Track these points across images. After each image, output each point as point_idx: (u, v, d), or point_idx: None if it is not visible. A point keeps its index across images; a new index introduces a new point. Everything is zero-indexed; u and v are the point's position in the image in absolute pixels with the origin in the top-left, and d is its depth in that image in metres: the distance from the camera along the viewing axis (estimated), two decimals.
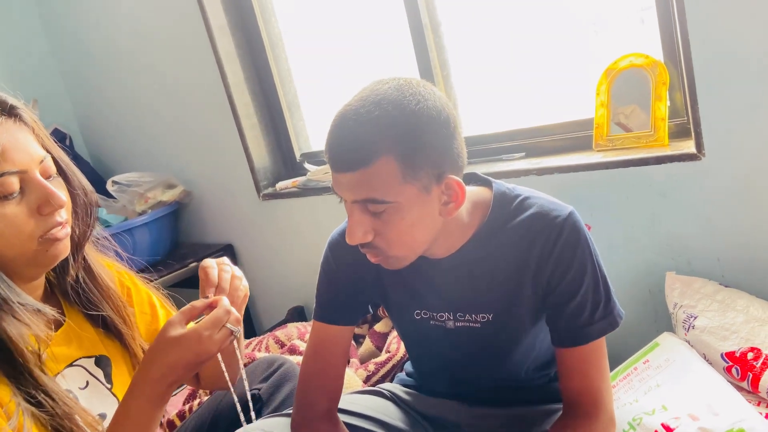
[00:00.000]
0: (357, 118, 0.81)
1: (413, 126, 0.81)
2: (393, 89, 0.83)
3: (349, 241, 0.86)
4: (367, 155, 0.80)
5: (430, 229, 0.87)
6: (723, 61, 1.20)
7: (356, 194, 0.83)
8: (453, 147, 0.85)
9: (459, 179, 0.85)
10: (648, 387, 1.15)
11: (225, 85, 1.99)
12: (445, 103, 0.86)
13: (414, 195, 0.83)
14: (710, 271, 1.32)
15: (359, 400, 1.12)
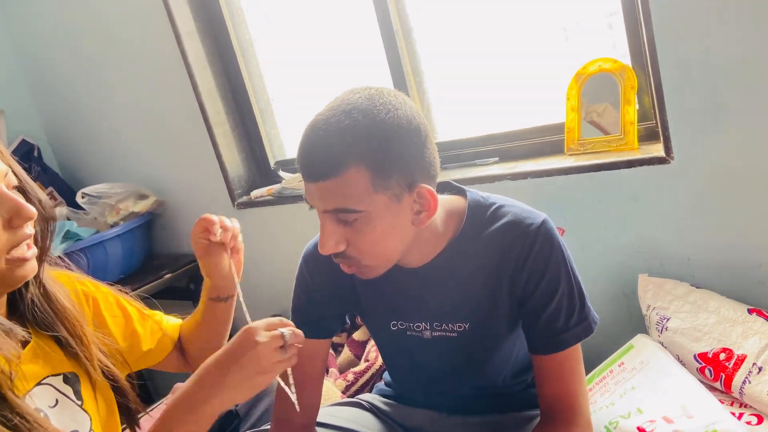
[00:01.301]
0: (327, 127, 0.81)
1: (383, 135, 0.81)
2: (364, 99, 0.83)
3: (322, 251, 0.85)
4: (337, 165, 0.80)
5: (402, 238, 0.87)
6: (689, 65, 1.22)
7: (327, 203, 0.83)
8: (424, 156, 0.85)
9: (431, 188, 0.85)
10: (623, 390, 1.16)
11: (196, 93, 1.96)
12: (417, 112, 0.86)
13: (385, 204, 0.82)
14: (682, 272, 1.34)
15: (338, 413, 1.12)
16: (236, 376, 0.75)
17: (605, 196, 1.40)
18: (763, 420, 1.06)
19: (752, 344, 1.11)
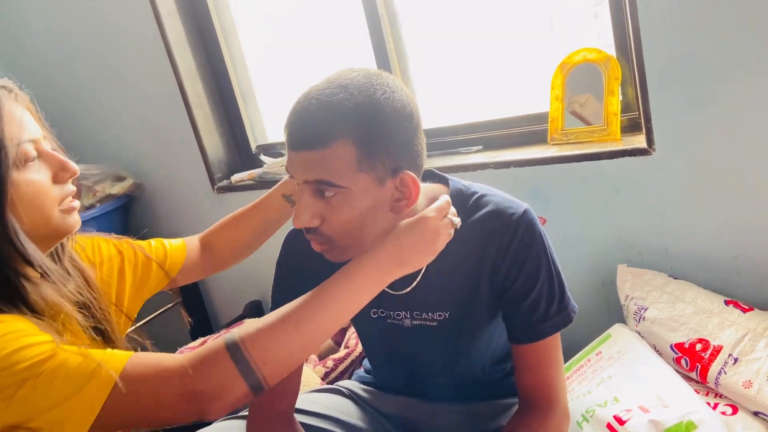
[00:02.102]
0: (321, 98, 0.80)
1: (376, 115, 0.80)
2: (362, 77, 0.82)
3: (295, 223, 0.84)
4: (325, 136, 0.78)
5: (378, 223, 0.85)
6: (673, 57, 1.22)
7: (309, 174, 0.81)
8: (414, 144, 0.84)
9: (415, 177, 0.84)
10: (600, 378, 1.17)
11: (175, 73, 1.92)
12: (412, 99, 0.85)
13: (367, 185, 0.81)
14: (660, 263, 1.36)
15: (317, 399, 1.11)
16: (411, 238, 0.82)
17: (587, 187, 1.40)
18: (738, 410, 1.08)
19: (728, 335, 1.13)
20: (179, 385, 0.69)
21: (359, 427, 1.08)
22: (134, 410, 0.70)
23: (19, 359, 0.65)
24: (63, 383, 0.66)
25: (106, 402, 0.67)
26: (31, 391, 0.65)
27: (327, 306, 0.77)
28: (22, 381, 0.65)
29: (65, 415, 0.66)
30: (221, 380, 0.70)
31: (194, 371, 0.70)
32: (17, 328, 0.69)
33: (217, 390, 0.70)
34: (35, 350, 0.67)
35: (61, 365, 0.67)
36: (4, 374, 0.64)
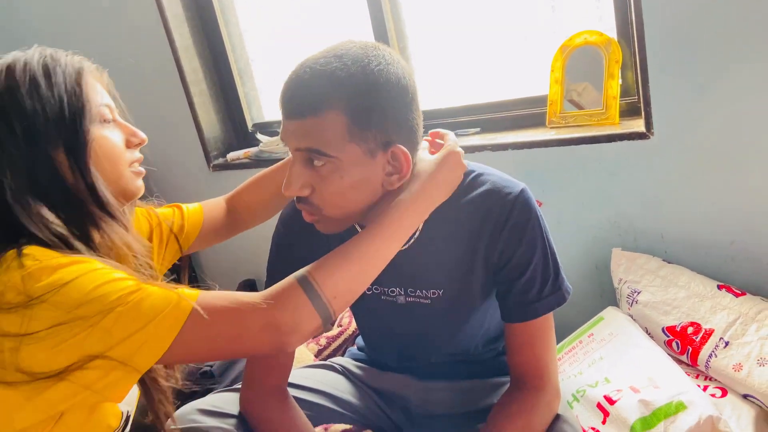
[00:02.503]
0: (315, 67, 0.80)
1: (369, 86, 0.79)
2: (358, 48, 0.81)
3: (285, 191, 0.84)
4: (317, 105, 0.79)
5: (367, 197, 0.86)
6: (675, 41, 1.21)
7: (299, 142, 0.81)
8: (408, 118, 0.84)
9: (407, 151, 0.84)
10: (592, 360, 1.18)
11: (173, 49, 1.90)
12: (409, 73, 0.84)
13: (357, 156, 0.81)
14: (654, 247, 1.36)
15: (310, 375, 1.12)
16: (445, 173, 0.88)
17: (584, 171, 1.40)
18: (727, 393, 1.09)
19: (720, 319, 1.14)
20: (261, 318, 0.73)
21: (351, 402, 1.08)
22: (214, 341, 0.74)
23: (109, 291, 0.69)
24: (146, 312, 0.70)
25: (183, 329, 0.71)
26: (114, 320, 0.68)
27: (384, 239, 0.82)
28: (109, 310, 0.68)
29: (143, 341, 0.69)
30: (298, 314, 0.75)
31: (273, 306, 0.74)
32: (102, 266, 0.73)
33: (296, 323, 0.74)
34: (123, 284, 0.71)
35: (147, 297, 0.71)
36: (94, 304, 0.68)
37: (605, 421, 1.04)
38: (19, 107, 0.76)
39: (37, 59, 0.80)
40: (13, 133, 0.75)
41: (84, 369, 0.69)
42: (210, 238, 1.21)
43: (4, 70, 0.78)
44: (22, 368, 0.68)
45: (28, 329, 0.67)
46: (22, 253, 0.70)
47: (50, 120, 0.77)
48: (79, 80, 0.81)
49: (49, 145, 0.77)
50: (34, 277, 0.68)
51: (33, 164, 0.76)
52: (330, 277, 0.78)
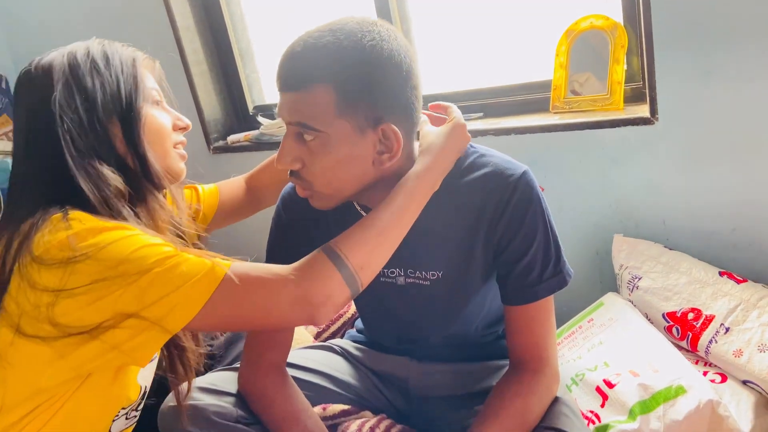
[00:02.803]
0: (308, 41, 0.80)
1: (358, 61, 0.79)
2: (355, 23, 0.81)
3: (277, 164, 0.85)
4: (305, 78, 0.79)
5: (358, 175, 0.85)
6: (681, 26, 1.20)
7: (291, 116, 0.82)
8: (401, 96, 0.83)
9: (397, 130, 0.83)
10: (591, 344, 1.18)
11: (173, 28, 1.88)
12: (406, 50, 0.83)
13: (346, 132, 0.81)
14: (657, 234, 1.36)
15: (309, 355, 1.12)
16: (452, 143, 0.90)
17: (587, 156, 1.40)
18: (727, 378, 1.09)
19: (721, 305, 1.14)
20: (292, 291, 0.75)
21: (349, 383, 1.08)
22: (244, 309, 0.75)
23: (148, 253, 0.73)
24: (180, 275, 0.72)
25: (215, 295, 0.73)
26: (150, 280, 0.71)
27: (403, 209, 0.84)
28: (146, 270, 0.71)
29: (175, 303, 0.72)
30: (328, 286, 0.77)
31: (303, 278, 0.76)
32: (142, 233, 0.77)
33: (326, 296, 0.76)
34: (161, 248, 0.74)
35: (183, 262, 0.74)
36: (133, 264, 0.71)
37: (604, 404, 1.04)
38: (80, 83, 0.83)
39: (97, 46, 0.88)
40: (74, 105, 0.81)
41: (115, 328, 0.71)
42: (228, 217, 1.24)
43: (66, 54, 0.86)
44: (56, 322, 0.70)
45: (67, 285, 0.70)
46: (68, 216, 0.74)
47: (107, 96, 0.84)
48: (134, 65, 0.89)
49: (106, 117, 0.83)
50: (80, 237, 0.72)
51: (91, 133, 0.82)
52: (356, 247, 0.79)
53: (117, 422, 0.88)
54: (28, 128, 0.84)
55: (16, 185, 0.85)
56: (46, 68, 0.84)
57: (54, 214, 0.75)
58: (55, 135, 0.80)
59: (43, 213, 0.76)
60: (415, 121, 0.87)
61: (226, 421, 0.91)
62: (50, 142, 0.80)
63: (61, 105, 0.81)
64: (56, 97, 0.81)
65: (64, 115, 0.81)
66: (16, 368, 0.74)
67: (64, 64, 0.84)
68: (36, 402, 0.75)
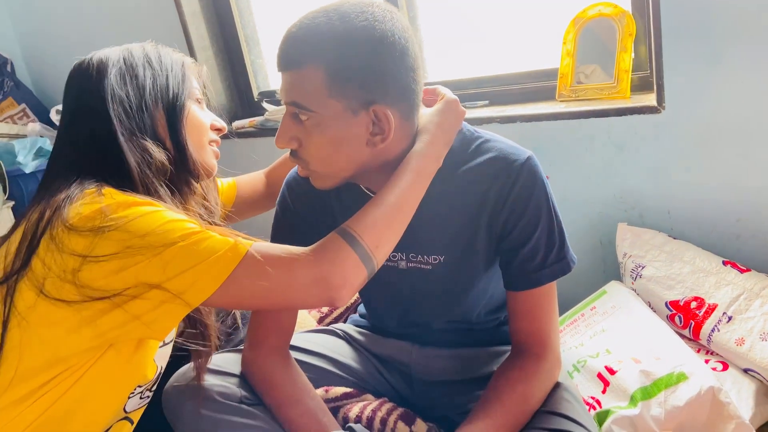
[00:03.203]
0: (303, 21, 0.82)
1: (348, 42, 0.79)
2: (350, 5, 0.82)
3: (276, 143, 0.87)
4: (297, 58, 0.81)
5: (352, 155, 0.86)
6: (689, 14, 1.19)
7: (287, 95, 0.84)
8: (395, 77, 0.82)
9: (389, 112, 0.83)
10: (594, 332, 1.18)
11: (179, 13, 1.88)
12: (403, 31, 0.83)
13: (338, 112, 0.82)
14: (661, 224, 1.36)
15: (312, 338, 1.12)
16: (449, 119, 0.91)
17: (592, 145, 1.39)
18: (728, 367, 1.09)
19: (724, 294, 1.14)
20: (312, 271, 0.77)
21: (352, 366, 1.09)
22: (263, 287, 0.77)
23: (175, 227, 0.76)
24: (204, 250, 0.75)
25: (236, 271, 0.75)
26: (174, 253, 0.74)
27: (410, 186, 0.85)
28: (171, 243, 0.74)
29: (197, 278, 0.74)
30: (346, 268, 0.78)
31: (321, 259, 0.78)
32: (172, 209, 0.81)
33: (344, 276, 0.78)
34: (188, 224, 0.77)
35: (207, 238, 0.76)
36: (159, 236, 0.74)
37: (605, 390, 1.05)
38: (133, 72, 0.90)
39: (151, 46, 0.95)
40: (125, 90, 0.88)
41: (137, 298, 0.73)
42: (247, 210, 1.28)
43: (122, 49, 0.93)
44: (81, 284, 0.73)
45: (94, 251, 0.73)
46: (102, 192, 0.79)
47: (156, 86, 0.90)
48: (183, 66, 0.96)
49: (153, 104, 0.90)
50: (111, 209, 0.75)
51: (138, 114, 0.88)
52: (368, 227, 0.81)
53: (132, 400, 0.89)
54: (77, 107, 0.89)
55: (58, 159, 0.89)
56: (103, 59, 0.91)
57: (89, 188, 0.80)
58: (105, 114, 0.85)
59: (79, 185, 0.81)
60: (413, 103, 0.86)
61: (230, 401, 0.91)
62: (99, 121, 0.85)
63: (113, 88, 0.87)
64: (110, 80, 0.87)
65: (115, 96, 0.87)
66: (36, 333, 0.75)
67: (120, 56, 0.91)
68: (54, 372, 0.77)
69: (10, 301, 0.75)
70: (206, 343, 0.91)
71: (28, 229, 0.78)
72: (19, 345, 0.75)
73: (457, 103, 0.93)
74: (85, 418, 0.83)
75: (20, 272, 0.76)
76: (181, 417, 0.91)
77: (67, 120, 0.90)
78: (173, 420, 0.93)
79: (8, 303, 0.75)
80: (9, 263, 0.78)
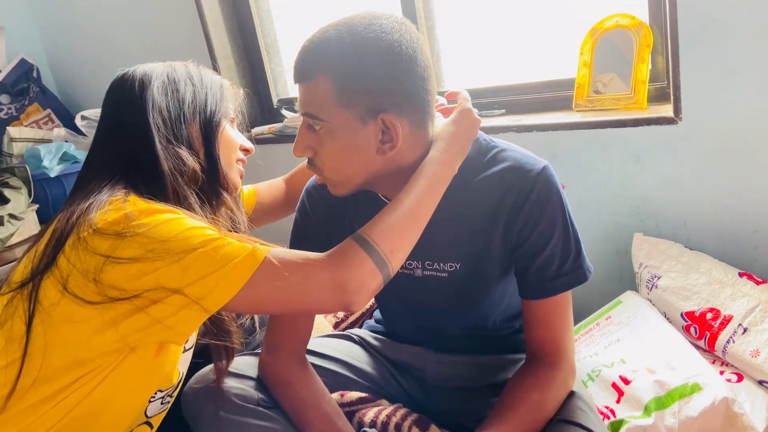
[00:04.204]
0: (316, 35, 0.85)
1: (357, 53, 0.82)
2: (360, 18, 0.85)
3: (293, 152, 0.90)
4: (309, 71, 0.84)
5: (363, 163, 0.88)
6: (707, 25, 1.20)
7: (302, 106, 0.87)
8: (403, 85, 0.84)
9: (396, 120, 0.84)
10: (608, 341, 1.18)
11: (202, 23, 1.92)
12: (412, 42, 0.85)
13: (348, 121, 0.84)
14: (677, 234, 1.35)
15: (328, 343, 1.14)
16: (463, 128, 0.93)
17: (609, 155, 1.40)
18: (743, 378, 1.09)
19: (740, 306, 1.13)
20: (328, 276, 0.79)
21: (367, 371, 1.10)
22: (281, 292, 0.78)
23: (195, 234, 0.78)
24: (222, 257, 0.76)
25: (254, 276, 0.77)
26: (194, 260, 0.75)
27: (425, 193, 0.86)
28: (192, 249, 0.76)
29: (216, 284, 0.75)
30: (362, 273, 0.80)
31: (337, 265, 0.79)
32: (194, 217, 0.83)
33: (360, 282, 0.79)
34: (207, 231, 0.80)
35: (226, 245, 0.78)
36: (180, 242, 0.76)
37: (619, 400, 1.05)
38: (174, 86, 0.93)
39: (193, 66, 0.99)
40: (165, 102, 0.91)
41: (159, 303, 0.75)
42: (267, 216, 1.30)
43: (166, 65, 0.97)
44: (101, 282, 0.75)
45: (115, 254, 0.75)
46: (127, 199, 0.81)
47: (196, 101, 0.94)
48: (222, 87, 0.99)
49: (190, 118, 0.93)
50: (135, 216, 0.78)
51: (176, 126, 0.92)
52: (384, 233, 0.82)
53: (153, 404, 0.91)
54: (116, 114, 0.93)
55: (94, 161, 0.92)
56: (147, 72, 0.94)
57: (116, 195, 0.82)
58: (144, 121, 0.89)
59: (109, 190, 0.84)
60: (424, 111, 0.88)
61: (248, 403, 0.93)
62: (138, 127, 0.89)
63: (155, 98, 0.91)
64: (152, 91, 0.91)
65: (155, 106, 0.90)
66: (59, 332, 0.77)
67: (164, 71, 0.95)
68: (77, 374, 0.79)
69: (35, 296, 0.78)
70: (228, 347, 0.93)
71: (57, 229, 0.81)
72: (43, 345, 0.77)
73: (471, 112, 0.94)
74: (106, 421, 0.85)
75: (46, 270, 0.78)
76: (200, 418, 0.93)
77: (106, 125, 0.94)
78: (192, 421, 0.95)
79: (33, 298, 0.78)
80: (37, 261, 0.80)
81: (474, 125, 0.94)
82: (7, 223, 1.69)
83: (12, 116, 2.23)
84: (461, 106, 0.95)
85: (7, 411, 0.77)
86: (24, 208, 1.75)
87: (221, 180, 0.96)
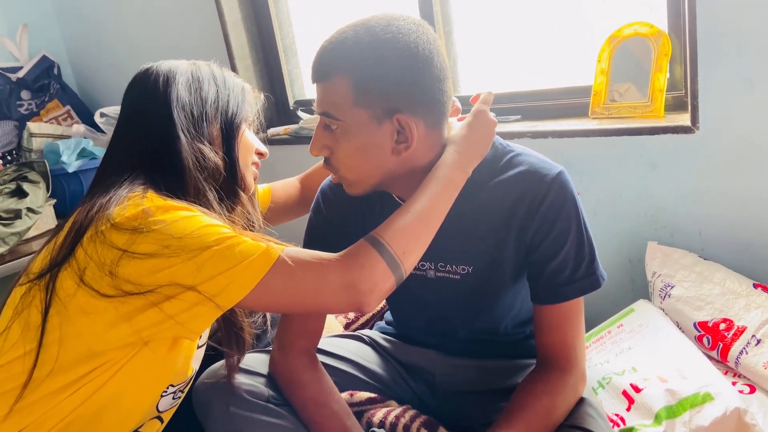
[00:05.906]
0: (334, 36, 0.87)
1: (374, 53, 0.83)
2: (378, 20, 0.86)
3: (310, 150, 0.91)
4: (326, 70, 0.86)
5: (378, 163, 0.89)
6: (726, 35, 1.19)
7: (319, 106, 0.88)
8: (419, 86, 0.85)
9: (411, 121, 0.85)
10: (620, 349, 1.18)
11: (222, 23, 1.94)
12: (427, 43, 0.85)
13: (364, 121, 0.85)
14: (692, 244, 1.34)
15: (338, 343, 1.14)
16: (478, 132, 0.93)
17: (624, 163, 1.39)
18: (756, 390, 1.08)
19: (754, 317, 1.12)
20: (341, 276, 0.79)
21: (376, 372, 1.10)
22: (294, 291, 0.79)
23: (210, 232, 0.79)
24: (237, 255, 0.77)
25: (268, 275, 0.77)
26: (209, 257, 0.76)
27: (439, 195, 0.87)
28: (207, 246, 0.77)
29: (230, 281, 0.76)
30: (375, 274, 0.80)
31: (350, 265, 0.80)
32: (210, 215, 0.84)
33: (372, 282, 0.80)
34: (222, 229, 0.80)
35: (240, 243, 0.79)
36: (195, 240, 0.77)
37: (630, 408, 1.05)
38: (199, 85, 0.95)
39: (217, 68, 1.00)
40: (189, 99, 0.92)
41: (173, 299, 0.76)
42: (282, 215, 1.31)
43: (191, 63, 0.98)
44: (116, 276, 0.76)
45: (131, 248, 0.76)
46: (145, 195, 0.82)
47: (218, 102, 0.96)
48: (243, 90, 1.01)
49: (212, 117, 0.94)
50: (152, 212, 0.79)
51: (197, 123, 0.93)
52: (397, 234, 0.83)
53: (165, 399, 0.92)
54: (139, 108, 0.94)
55: (114, 154, 0.93)
56: (172, 68, 0.95)
57: (135, 191, 0.83)
58: (167, 115, 0.90)
59: (129, 185, 0.85)
60: (439, 112, 0.89)
61: (258, 400, 0.94)
62: (160, 121, 0.90)
63: (179, 94, 0.92)
64: (177, 87, 0.92)
65: (179, 102, 0.91)
66: (75, 324, 0.78)
67: (189, 69, 0.96)
68: (90, 366, 0.80)
69: (52, 286, 0.79)
70: (239, 343, 0.94)
71: (76, 222, 0.82)
72: (58, 336, 0.78)
73: (485, 114, 0.94)
74: (118, 414, 0.86)
75: (64, 262, 0.79)
76: (210, 413, 0.94)
77: (127, 118, 0.95)
78: (203, 416, 0.96)
79: (50, 289, 0.79)
80: (56, 253, 0.82)
81: (489, 126, 0.94)
82: (24, 217, 1.72)
83: (32, 112, 2.26)
84: (476, 108, 0.95)
85: (23, 400, 0.78)
86: (42, 202, 1.77)
87: (238, 179, 0.97)
